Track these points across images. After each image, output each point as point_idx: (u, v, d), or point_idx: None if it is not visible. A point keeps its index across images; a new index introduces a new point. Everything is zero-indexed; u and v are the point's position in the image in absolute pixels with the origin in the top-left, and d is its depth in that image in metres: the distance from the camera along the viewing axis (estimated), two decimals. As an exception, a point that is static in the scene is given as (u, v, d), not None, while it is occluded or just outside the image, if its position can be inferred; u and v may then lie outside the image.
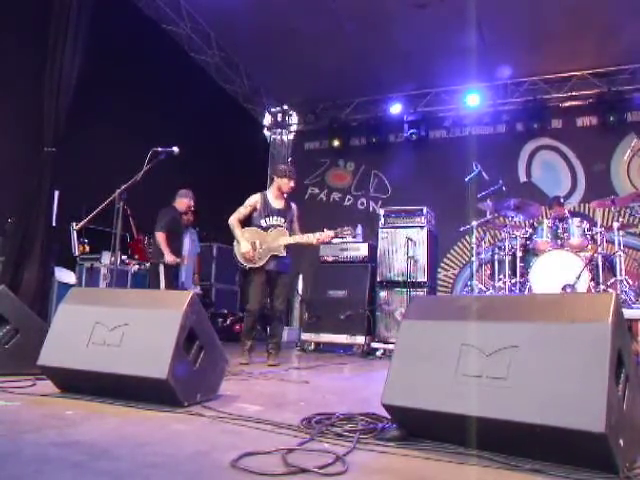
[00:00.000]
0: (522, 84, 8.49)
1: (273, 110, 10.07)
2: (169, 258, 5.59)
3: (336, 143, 9.35)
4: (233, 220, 4.76)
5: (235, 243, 4.77)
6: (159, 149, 4.39)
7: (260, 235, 4.73)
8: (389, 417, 2.11)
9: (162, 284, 5.62)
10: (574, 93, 8.33)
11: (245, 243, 4.65)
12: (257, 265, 4.67)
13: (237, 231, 4.73)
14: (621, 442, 1.69)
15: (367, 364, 5.43)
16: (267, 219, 4.79)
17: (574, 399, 1.69)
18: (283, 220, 4.82)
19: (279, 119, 10.12)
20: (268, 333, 5.21)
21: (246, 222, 4.83)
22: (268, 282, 4.78)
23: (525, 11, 6.63)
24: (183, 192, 5.97)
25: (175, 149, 4.41)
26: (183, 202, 5.96)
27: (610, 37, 7.06)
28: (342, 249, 6.63)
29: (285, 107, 10.00)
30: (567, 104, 8.46)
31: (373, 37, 7.29)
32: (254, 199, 4.84)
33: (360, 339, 6.24)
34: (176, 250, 5.77)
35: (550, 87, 8.42)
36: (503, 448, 1.82)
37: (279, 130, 10.17)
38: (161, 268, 5.64)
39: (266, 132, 10.21)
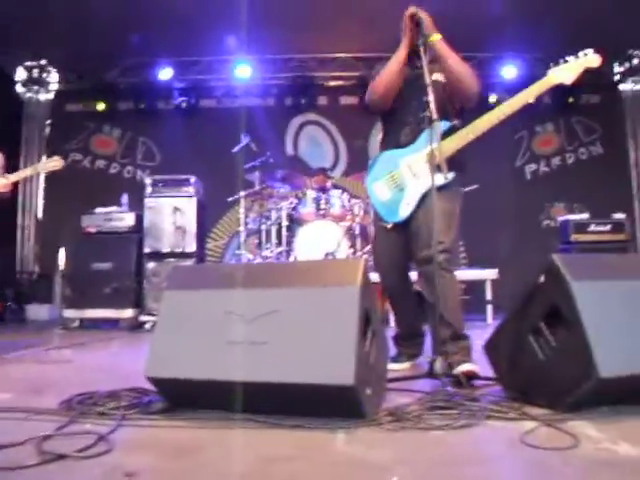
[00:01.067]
0: (292, 60, 8.78)
1: (28, 64, 9.01)
2: None
3: (101, 107, 8.75)
4: None
5: None
6: None
7: None
8: (155, 390, 2.10)
9: None
10: (339, 74, 8.85)
11: None
12: None
13: None
14: (368, 392, 1.91)
15: (136, 338, 5.28)
16: None
17: (328, 357, 1.85)
18: None
19: (35, 75, 9.09)
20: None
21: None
22: None
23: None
24: None
25: None
26: None
27: (372, 25, 7.61)
28: (106, 219, 6.30)
29: (43, 62, 9.01)
30: (332, 83, 8.98)
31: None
32: None
33: (128, 313, 6.04)
34: None
35: (318, 66, 8.84)
36: (268, 409, 1.91)
37: (35, 88, 9.15)
38: None
39: (19, 89, 9.11)
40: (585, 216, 6.89)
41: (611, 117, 9.07)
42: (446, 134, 2.83)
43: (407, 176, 2.93)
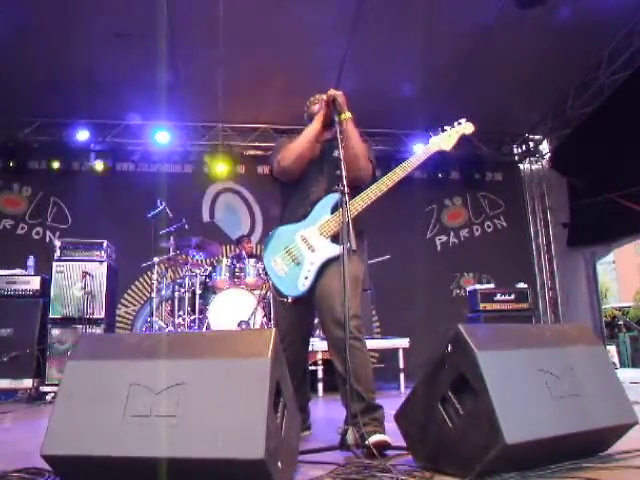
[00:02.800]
0: (212, 128, 8.90)
1: None
2: None
3: (11, 164, 8.45)
4: None
5: None
6: None
7: None
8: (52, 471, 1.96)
9: None
10: (257, 143, 9.04)
11: None
12: None
13: None
14: (279, 465, 1.87)
15: (34, 411, 4.91)
16: None
17: (238, 430, 1.80)
18: None
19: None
20: None
21: None
22: None
23: (220, 62, 7.00)
24: None
25: None
26: None
27: (290, 99, 7.87)
28: (9, 282, 5.98)
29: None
30: (251, 152, 9.13)
31: (65, 58, 6.85)
32: None
33: (27, 382, 5.66)
34: None
35: (237, 135, 8.99)
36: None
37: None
38: None
39: None
40: (491, 286, 7.24)
41: (513, 193, 9.71)
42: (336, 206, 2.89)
43: (303, 249, 2.97)
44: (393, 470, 2.11)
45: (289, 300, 2.93)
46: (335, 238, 2.81)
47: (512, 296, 7.00)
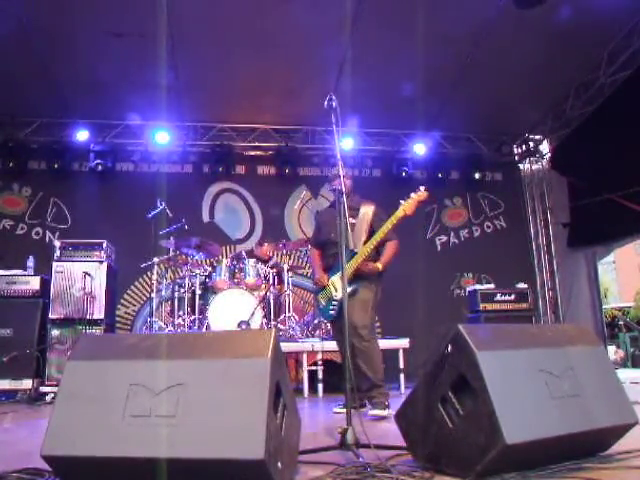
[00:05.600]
0: (211, 129, 8.88)
1: None
2: None
3: (11, 165, 8.44)
4: None
5: None
6: None
7: None
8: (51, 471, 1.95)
9: None
10: (257, 144, 9.02)
11: None
12: None
13: None
14: (279, 465, 1.87)
15: (34, 412, 4.91)
16: None
17: (237, 431, 1.80)
18: None
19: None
20: None
21: None
22: None
23: (219, 63, 7.00)
24: None
25: None
26: None
27: (289, 99, 7.89)
28: (9, 282, 5.98)
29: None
30: (251, 153, 9.12)
31: (64, 58, 6.85)
32: None
33: (27, 383, 5.65)
34: None
35: (237, 135, 8.99)
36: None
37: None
38: None
39: None
40: (491, 286, 7.23)
41: (513, 193, 9.70)
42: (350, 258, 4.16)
43: (332, 291, 4.40)
44: (393, 470, 2.11)
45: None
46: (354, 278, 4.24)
47: (512, 296, 7.00)
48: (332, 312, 4.40)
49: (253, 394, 1.86)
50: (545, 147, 9.69)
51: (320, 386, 5.84)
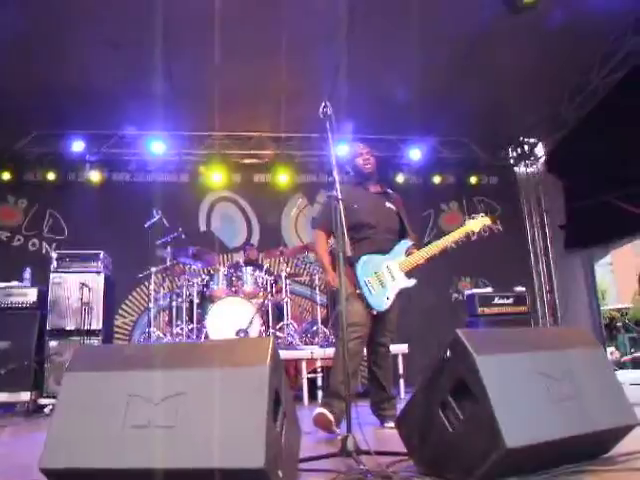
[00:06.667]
0: (207, 137, 8.89)
1: None
2: None
3: (6, 176, 8.44)
4: None
5: None
6: None
7: None
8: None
9: None
10: (254, 151, 9.03)
11: None
12: None
13: None
14: (280, 474, 1.86)
15: (32, 424, 4.90)
16: None
17: (237, 440, 1.79)
18: None
19: None
20: None
21: None
22: None
23: (215, 71, 7.00)
24: None
25: None
26: None
27: (285, 106, 7.88)
28: (6, 294, 5.95)
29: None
30: (247, 161, 9.13)
31: (59, 68, 6.85)
32: None
33: (25, 395, 5.62)
34: None
35: (233, 143, 8.99)
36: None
37: None
38: None
39: None
40: (489, 290, 7.23)
41: (509, 197, 9.72)
42: (407, 250, 3.99)
43: (388, 277, 3.85)
44: (394, 476, 2.10)
45: (374, 312, 3.76)
46: (408, 274, 3.92)
47: (510, 300, 7.00)
48: (387, 302, 3.83)
49: (252, 403, 1.85)
50: (540, 150, 9.71)
51: (320, 393, 5.82)
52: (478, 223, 4.29)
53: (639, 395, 4.20)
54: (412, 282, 3.91)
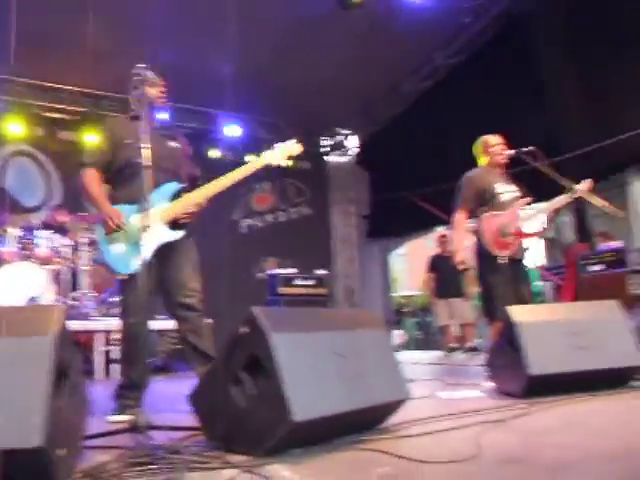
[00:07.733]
0: (5, 81, 7.91)
1: None
2: None
3: None
4: None
5: None
6: None
7: None
8: None
9: None
10: (64, 106, 8.32)
11: None
12: None
13: None
14: (60, 452, 1.74)
15: None
16: None
17: (14, 417, 1.65)
18: None
19: None
20: None
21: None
22: None
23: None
24: None
25: None
26: None
27: (101, 62, 7.31)
28: None
29: None
30: (54, 115, 8.36)
31: None
32: None
33: None
34: None
35: (37, 93, 8.15)
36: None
37: None
38: None
39: None
40: (293, 271, 7.51)
41: (319, 183, 10.15)
42: (175, 195, 3.16)
43: (139, 231, 2.82)
44: (184, 451, 2.10)
45: (124, 277, 3.03)
46: (172, 225, 3.08)
47: (311, 281, 7.34)
48: (138, 261, 2.79)
49: (32, 376, 1.71)
50: (353, 142, 10.22)
51: (115, 367, 5.60)
52: (277, 153, 3.52)
53: (417, 373, 4.70)
54: (179, 233, 3.15)
